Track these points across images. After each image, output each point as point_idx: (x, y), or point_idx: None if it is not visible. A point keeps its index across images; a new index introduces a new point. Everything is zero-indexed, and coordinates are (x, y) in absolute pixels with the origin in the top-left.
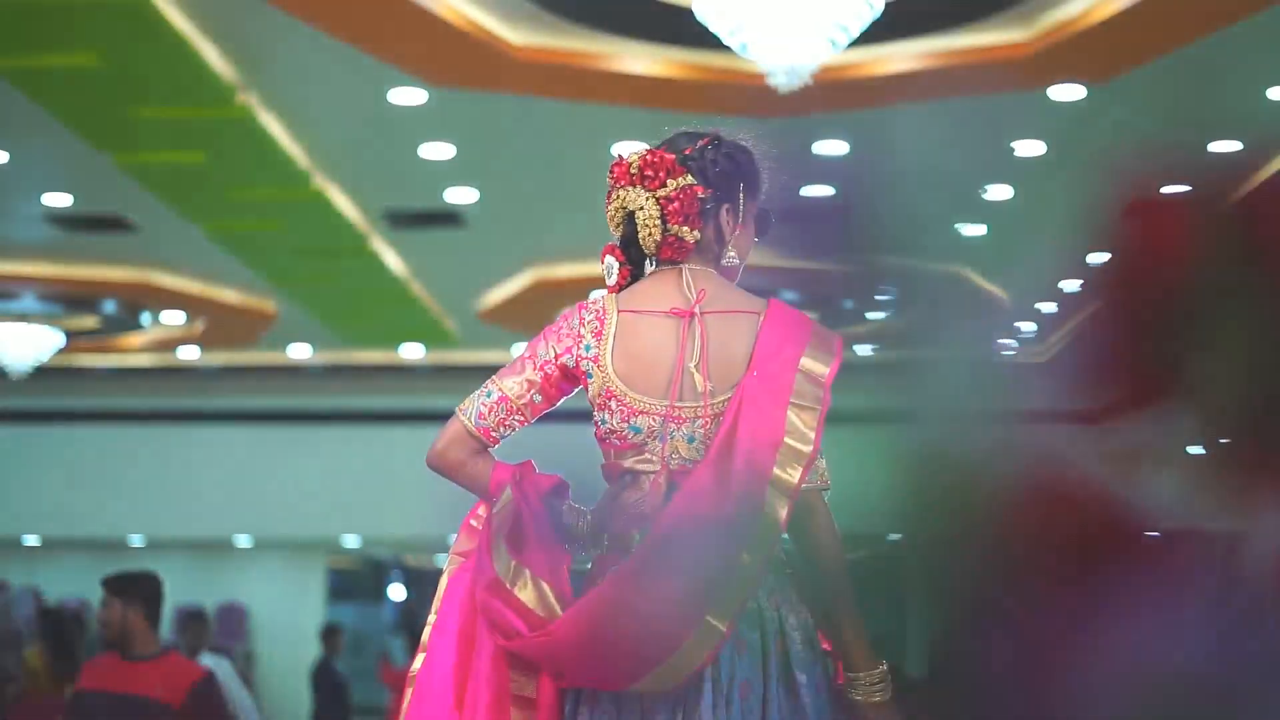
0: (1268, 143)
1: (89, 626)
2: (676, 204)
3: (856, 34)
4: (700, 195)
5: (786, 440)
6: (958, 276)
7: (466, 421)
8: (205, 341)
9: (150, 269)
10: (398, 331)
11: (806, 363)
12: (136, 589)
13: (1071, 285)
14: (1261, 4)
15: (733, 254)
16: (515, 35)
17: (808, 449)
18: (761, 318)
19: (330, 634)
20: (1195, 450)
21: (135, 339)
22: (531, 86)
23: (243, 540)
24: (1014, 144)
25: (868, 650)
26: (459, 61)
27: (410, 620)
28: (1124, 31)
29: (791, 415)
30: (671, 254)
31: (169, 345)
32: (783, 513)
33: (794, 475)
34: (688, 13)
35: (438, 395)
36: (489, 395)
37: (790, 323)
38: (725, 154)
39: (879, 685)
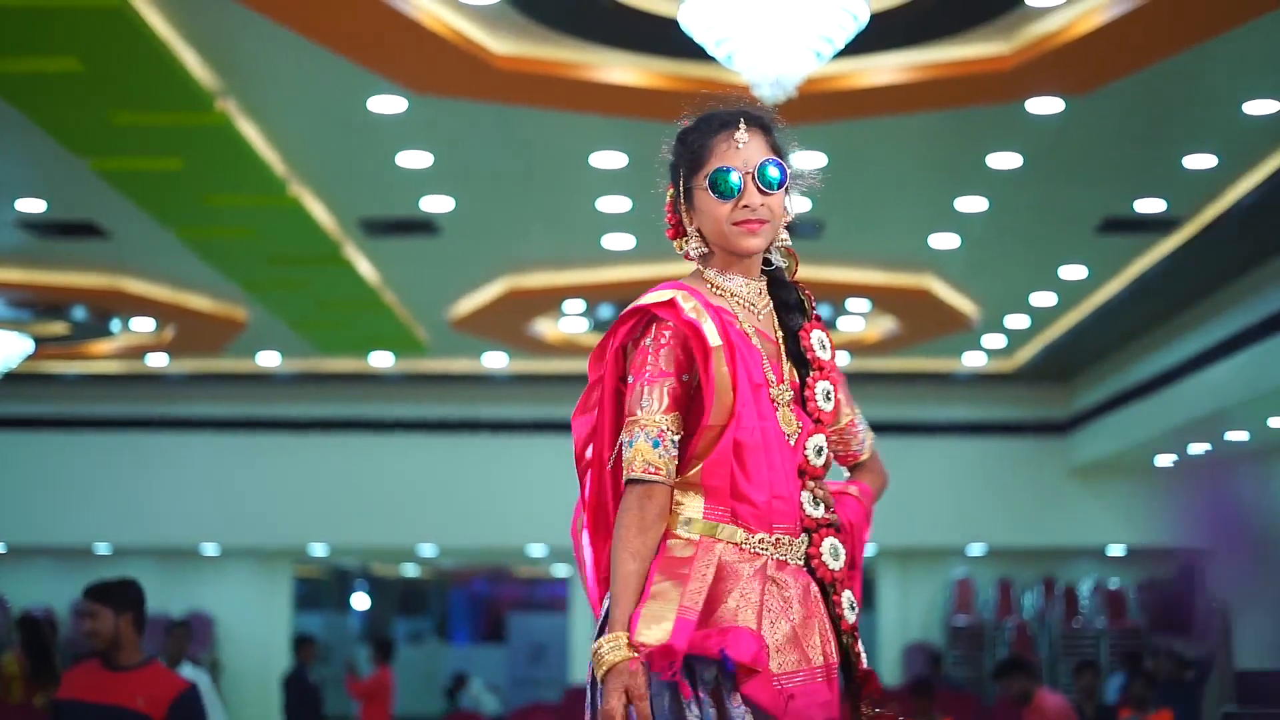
0: (1242, 156)
1: (59, 633)
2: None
3: (841, 45)
4: (667, 208)
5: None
6: None
7: None
8: (174, 348)
9: (121, 275)
10: (368, 339)
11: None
12: (126, 597)
13: None
14: (1238, 19)
15: (685, 245)
16: (498, 44)
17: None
18: None
19: (303, 644)
20: None
21: (104, 345)
22: (513, 95)
23: (210, 548)
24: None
25: (610, 625)
26: (440, 69)
27: (375, 629)
28: (1102, 45)
29: None
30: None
31: (138, 352)
32: (576, 514)
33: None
34: (672, 23)
35: (406, 404)
36: None
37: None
38: (667, 154)
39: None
